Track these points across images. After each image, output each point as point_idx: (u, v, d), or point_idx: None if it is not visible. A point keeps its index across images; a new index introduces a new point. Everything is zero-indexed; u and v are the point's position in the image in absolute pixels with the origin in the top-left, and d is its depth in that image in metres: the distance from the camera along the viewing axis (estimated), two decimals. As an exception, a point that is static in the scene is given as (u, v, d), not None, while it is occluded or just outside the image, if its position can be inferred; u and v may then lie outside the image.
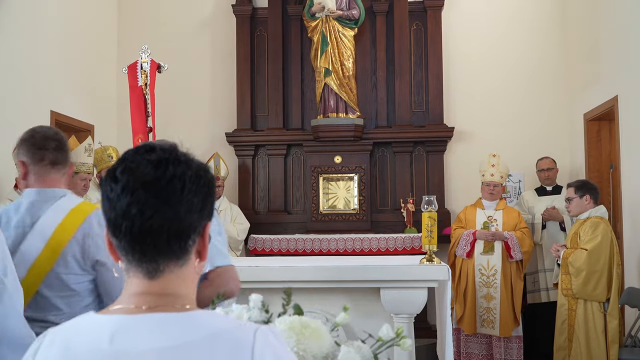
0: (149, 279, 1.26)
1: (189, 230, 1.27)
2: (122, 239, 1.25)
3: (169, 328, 1.22)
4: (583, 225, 5.09)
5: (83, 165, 5.89)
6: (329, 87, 7.80)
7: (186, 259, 1.29)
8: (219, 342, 1.21)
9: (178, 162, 1.29)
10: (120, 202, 1.24)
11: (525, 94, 8.07)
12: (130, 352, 1.20)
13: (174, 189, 1.25)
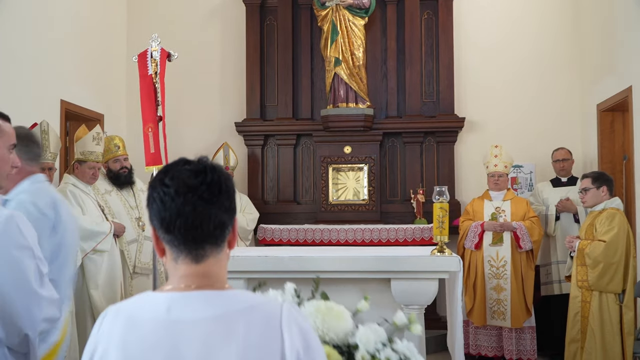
0: (195, 263, 1.59)
1: (226, 223, 1.61)
2: (176, 233, 1.56)
3: (213, 302, 1.55)
4: (599, 216, 5.03)
5: (91, 154, 5.87)
6: (338, 76, 7.76)
7: (223, 246, 1.63)
8: (254, 312, 1.54)
9: (212, 170, 1.60)
10: (175, 203, 1.55)
11: (538, 84, 7.99)
12: (184, 321, 1.52)
13: (214, 192, 1.58)
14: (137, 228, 6.21)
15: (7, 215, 2.28)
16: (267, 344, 1.52)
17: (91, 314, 5.64)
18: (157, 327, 1.53)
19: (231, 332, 1.52)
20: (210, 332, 1.52)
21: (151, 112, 4.27)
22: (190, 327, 1.52)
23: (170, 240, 1.59)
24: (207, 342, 1.51)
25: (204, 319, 1.53)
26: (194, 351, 1.50)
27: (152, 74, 4.28)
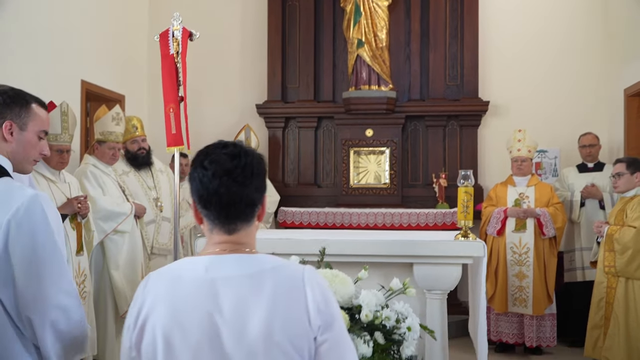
0: (228, 234, 1.86)
1: (256, 202, 1.86)
2: (212, 209, 1.83)
3: (245, 263, 1.82)
4: (630, 202, 4.93)
5: (111, 134, 5.84)
6: (361, 58, 7.67)
7: (252, 221, 1.88)
8: (280, 271, 1.81)
9: (245, 154, 1.84)
10: (212, 184, 1.80)
11: (564, 68, 7.86)
12: (220, 278, 1.79)
13: (247, 175, 1.82)
14: (155, 209, 6.19)
15: (32, 195, 2.25)
16: (293, 297, 1.77)
17: (111, 294, 5.65)
18: (197, 284, 1.79)
19: (261, 288, 1.77)
20: (243, 287, 1.78)
21: (173, 92, 4.22)
22: (226, 283, 1.78)
23: (206, 214, 1.86)
24: (240, 296, 1.77)
25: (237, 277, 1.79)
26: (230, 303, 1.76)
27: (174, 54, 4.23)
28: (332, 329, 1.80)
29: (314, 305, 1.78)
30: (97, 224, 5.54)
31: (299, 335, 1.76)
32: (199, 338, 1.75)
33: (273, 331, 1.73)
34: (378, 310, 2.42)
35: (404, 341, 2.42)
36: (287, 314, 1.75)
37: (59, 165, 5.22)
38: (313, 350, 1.78)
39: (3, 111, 2.37)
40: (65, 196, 5.09)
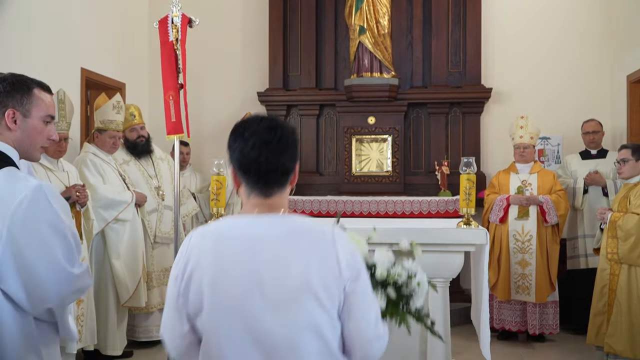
0: (264, 197, 2.06)
1: (290, 170, 2.06)
2: (251, 176, 2.03)
3: (281, 223, 2.04)
4: (634, 189, 4.90)
5: (111, 123, 5.82)
6: (363, 45, 7.62)
7: (286, 186, 2.08)
8: (312, 231, 2.04)
9: (281, 126, 2.03)
10: (252, 154, 2.00)
11: (567, 55, 7.80)
12: (260, 237, 2.00)
13: (282, 145, 2.02)
14: (157, 197, 6.17)
15: (35, 186, 2.22)
16: (325, 252, 1.99)
17: (112, 284, 5.64)
18: (240, 241, 2.00)
19: (297, 246, 1.99)
20: (282, 244, 1.99)
21: (172, 79, 4.18)
22: (265, 242, 1.99)
23: (246, 180, 2.06)
24: (279, 252, 1.98)
25: (275, 235, 2.00)
26: (270, 258, 1.97)
27: (173, 41, 4.19)
28: (359, 280, 2.03)
29: (344, 259, 2.00)
30: (98, 212, 5.52)
31: (331, 284, 1.98)
32: (242, 288, 1.96)
33: (310, 281, 1.95)
34: (391, 268, 2.65)
35: (414, 295, 2.66)
36: (321, 266, 1.97)
37: (56, 154, 5.20)
38: (342, 298, 2.00)
39: (4, 100, 2.34)
40: (64, 185, 5.08)
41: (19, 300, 2.16)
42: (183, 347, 2.09)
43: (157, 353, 5.91)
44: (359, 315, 2.04)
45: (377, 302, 2.18)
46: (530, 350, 6.17)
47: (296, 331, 1.95)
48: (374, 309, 2.11)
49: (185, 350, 2.10)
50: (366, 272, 2.10)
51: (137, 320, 6.12)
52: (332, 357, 2.01)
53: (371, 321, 2.08)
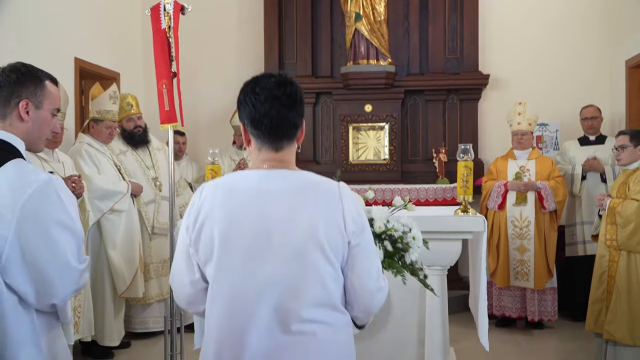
0: (274, 151, 2.16)
1: (298, 124, 2.18)
2: (263, 129, 2.13)
3: (290, 178, 2.14)
4: (633, 175, 4.85)
5: (108, 113, 5.78)
6: (359, 32, 7.56)
7: (294, 140, 2.20)
8: (319, 186, 2.14)
9: (290, 83, 2.15)
10: (263, 107, 2.11)
11: (565, 40, 7.74)
12: (270, 190, 2.10)
13: (291, 100, 2.13)
14: (154, 188, 6.13)
15: (45, 179, 2.21)
16: (332, 206, 2.10)
17: (109, 274, 5.61)
18: (250, 194, 2.10)
19: (306, 198, 2.10)
20: (291, 197, 2.09)
21: (165, 67, 4.13)
22: (275, 195, 2.09)
23: (257, 134, 2.15)
24: (288, 204, 2.08)
25: (284, 189, 2.10)
26: (280, 210, 2.07)
27: (166, 28, 4.13)
28: (363, 235, 2.15)
29: (349, 214, 2.11)
30: (93, 203, 5.48)
31: (336, 237, 2.08)
32: (252, 237, 2.06)
33: (317, 232, 2.05)
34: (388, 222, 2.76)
35: (410, 248, 2.78)
36: (328, 220, 2.07)
37: (52, 144, 5.16)
38: (346, 252, 2.12)
39: (18, 90, 2.32)
40: (59, 176, 5.03)
41: (25, 296, 2.17)
42: (192, 296, 2.21)
43: (155, 344, 5.90)
44: (361, 268, 2.15)
45: (378, 258, 2.30)
46: (528, 337, 6.16)
47: (301, 280, 2.06)
48: (376, 264, 2.23)
49: (193, 298, 2.22)
50: (369, 229, 2.22)
51: (134, 311, 6.10)
52: (333, 307, 2.12)
53: (373, 274, 2.19)
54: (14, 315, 2.16)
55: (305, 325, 2.06)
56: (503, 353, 5.62)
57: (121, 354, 5.71)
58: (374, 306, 2.24)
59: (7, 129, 2.32)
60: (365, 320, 2.32)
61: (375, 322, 4.23)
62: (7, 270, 2.14)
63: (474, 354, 5.36)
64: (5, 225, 2.13)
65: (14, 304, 2.17)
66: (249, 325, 2.06)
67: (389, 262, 2.77)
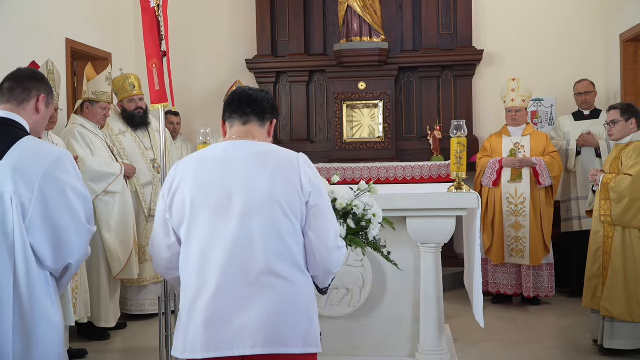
0: (243, 125, 2.49)
1: (266, 110, 2.52)
2: (233, 108, 2.50)
3: (253, 146, 2.41)
4: (625, 149, 4.82)
5: (103, 95, 5.75)
6: (352, 9, 7.49)
7: (264, 125, 2.53)
8: (280, 153, 2.40)
9: (261, 91, 2.56)
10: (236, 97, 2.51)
11: (559, 14, 7.69)
12: (234, 157, 2.38)
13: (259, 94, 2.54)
14: (152, 170, 6.11)
15: (63, 151, 2.53)
16: (290, 170, 2.34)
17: (104, 256, 5.60)
18: (217, 161, 2.38)
19: (266, 163, 2.35)
20: (252, 162, 2.35)
21: (154, 47, 4.07)
22: (238, 160, 2.36)
23: (230, 117, 2.51)
24: (250, 168, 2.34)
25: (247, 155, 2.37)
26: (242, 173, 2.34)
27: (155, 7, 4.08)
28: (320, 197, 2.38)
29: (306, 177, 2.35)
30: (87, 185, 5.43)
31: (294, 197, 2.32)
32: (216, 198, 2.31)
33: (274, 192, 2.30)
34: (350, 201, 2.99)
35: (371, 224, 2.97)
36: (285, 181, 2.32)
37: (48, 125, 5.14)
38: (305, 212, 2.35)
39: (39, 86, 2.65)
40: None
41: (43, 257, 2.43)
42: (169, 260, 2.49)
43: (150, 325, 5.90)
44: (319, 226, 2.37)
45: (336, 221, 2.49)
46: (524, 313, 6.18)
47: (260, 234, 2.28)
48: (334, 225, 2.44)
49: (171, 263, 2.49)
50: (327, 194, 2.47)
51: (130, 293, 6.10)
52: (293, 263, 2.34)
53: (331, 233, 2.40)
54: (37, 271, 2.42)
55: (265, 277, 2.28)
56: (499, 329, 5.64)
57: (117, 335, 5.72)
58: (332, 263, 2.42)
59: (20, 113, 2.59)
60: (325, 281, 2.52)
61: (370, 299, 4.24)
62: (30, 229, 2.40)
63: (470, 331, 5.38)
64: (30, 187, 2.40)
65: (36, 263, 2.43)
66: (215, 279, 2.29)
67: (352, 238, 2.96)
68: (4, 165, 2.40)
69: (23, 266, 2.38)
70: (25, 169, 2.40)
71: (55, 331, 2.47)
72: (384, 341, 4.25)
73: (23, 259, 2.39)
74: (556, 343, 5.34)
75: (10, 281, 2.37)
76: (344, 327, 4.24)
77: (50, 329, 2.44)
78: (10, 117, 2.55)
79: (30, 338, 2.39)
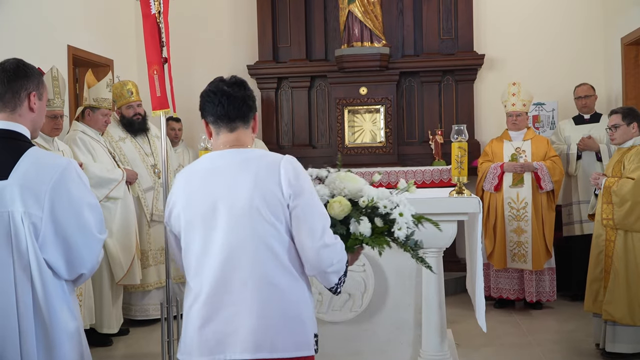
0: (230, 132, 2.50)
1: (251, 107, 2.52)
2: (221, 116, 2.48)
3: (238, 153, 2.46)
4: (628, 153, 4.82)
5: (104, 101, 5.78)
6: (353, 14, 7.50)
7: (248, 126, 2.53)
8: (263, 158, 2.44)
9: (238, 82, 2.52)
10: (220, 103, 2.47)
11: (559, 18, 7.69)
12: (219, 166, 2.43)
13: (240, 86, 2.51)
14: (153, 175, 6.13)
15: (66, 163, 2.47)
16: (269, 175, 2.37)
17: (106, 262, 5.60)
18: (204, 173, 2.46)
19: (248, 171, 2.39)
20: (234, 170, 2.40)
21: (156, 53, 4.10)
22: (221, 170, 2.42)
23: (216, 122, 2.50)
24: (232, 176, 2.40)
25: (230, 164, 2.43)
26: (224, 183, 2.39)
27: (156, 13, 4.10)
28: (300, 197, 2.37)
29: (285, 180, 2.36)
30: (89, 191, 5.46)
31: (274, 203, 2.35)
32: (203, 210, 2.39)
33: (253, 199, 2.34)
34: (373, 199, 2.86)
35: (396, 224, 2.85)
36: (265, 188, 2.35)
37: (53, 132, 5.19)
38: (287, 215, 2.37)
39: (26, 83, 2.54)
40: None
41: (58, 269, 2.44)
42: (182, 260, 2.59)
43: (153, 331, 5.90)
44: (303, 227, 2.37)
45: (325, 217, 2.47)
46: (527, 318, 6.17)
47: (247, 242, 2.34)
48: (321, 222, 2.41)
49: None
50: (312, 191, 2.46)
51: (133, 298, 6.11)
52: (282, 267, 2.38)
53: (316, 233, 2.38)
54: (53, 284, 2.43)
55: (254, 284, 2.35)
56: (501, 334, 5.63)
57: (120, 341, 5.72)
58: (321, 262, 2.41)
59: (17, 120, 2.52)
60: (327, 281, 2.52)
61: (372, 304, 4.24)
62: (43, 247, 2.40)
63: (472, 336, 5.38)
64: (39, 205, 2.39)
65: (51, 276, 2.44)
66: (208, 286, 2.38)
67: (375, 237, 2.85)
68: (12, 184, 2.39)
69: (39, 282, 2.41)
70: (32, 186, 2.39)
71: (73, 338, 2.51)
72: (386, 346, 4.24)
73: (39, 275, 2.41)
74: (558, 347, 5.33)
75: (30, 299, 2.40)
76: (345, 332, 4.25)
77: (68, 337, 2.48)
78: (9, 127, 2.51)
79: (52, 348, 2.44)
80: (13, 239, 2.39)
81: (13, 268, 2.38)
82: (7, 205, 2.38)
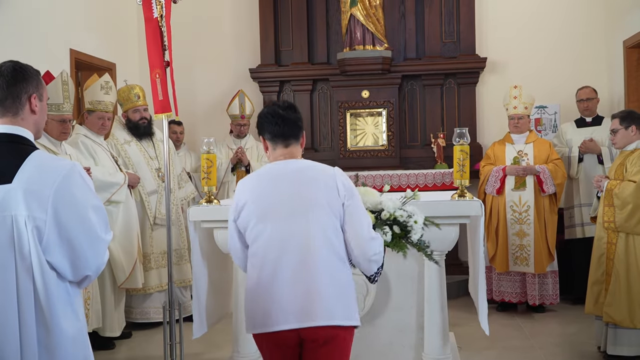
0: (285, 147, 3.02)
1: (298, 133, 3.05)
2: (278, 135, 3.00)
3: (295, 162, 2.99)
4: (630, 156, 4.82)
5: (99, 104, 5.75)
6: (355, 18, 7.51)
7: (298, 142, 3.05)
8: (318, 165, 2.98)
9: (290, 106, 3.07)
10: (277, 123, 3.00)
11: (562, 21, 7.70)
12: (281, 172, 2.96)
13: (291, 110, 3.05)
14: (157, 179, 6.14)
15: (70, 166, 2.46)
16: (329, 179, 2.90)
17: (108, 265, 5.59)
18: (269, 177, 2.98)
19: (308, 175, 2.92)
20: (295, 176, 2.94)
21: (158, 57, 4.10)
22: (286, 174, 2.95)
23: (273, 139, 3.03)
24: (297, 177, 2.93)
25: (291, 170, 2.96)
26: (290, 181, 2.93)
27: (158, 17, 4.11)
28: (353, 198, 2.92)
29: (341, 184, 2.90)
30: (91, 194, 5.46)
31: (334, 201, 2.88)
32: (271, 206, 2.90)
33: (318, 197, 2.87)
34: (393, 211, 3.43)
35: (412, 230, 3.42)
36: (326, 188, 2.88)
37: (61, 136, 5.19)
38: (342, 212, 2.89)
39: (26, 86, 2.52)
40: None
41: (63, 271, 2.44)
42: (244, 258, 3.05)
43: (155, 334, 5.90)
44: (355, 221, 2.90)
45: (368, 218, 3.01)
46: (529, 321, 6.16)
47: (310, 231, 2.84)
48: (367, 220, 2.96)
49: (245, 260, 3.04)
50: (359, 196, 2.97)
51: (135, 302, 6.11)
52: (335, 253, 2.87)
53: (364, 226, 2.93)
54: (56, 288, 2.43)
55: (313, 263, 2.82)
56: (504, 337, 5.62)
57: (122, 344, 5.72)
58: (369, 250, 2.92)
59: (20, 124, 2.51)
60: (368, 269, 2.99)
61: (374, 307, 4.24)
62: (47, 250, 2.40)
63: (475, 339, 5.37)
64: (43, 208, 2.38)
65: (55, 278, 2.43)
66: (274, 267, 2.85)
67: (396, 242, 3.41)
68: (16, 187, 2.38)
69: (42, 285, 2.41)
70: (36, 189, 2.38)
71: (77, 341, 2.52)
72: (388, 349, 4.24)
73: (41, 278, 2.40)
74: (561, 350, 5.32)
75: (32, 301, 2.40)
76: (348, 335, 4.23)
77: (71, 340, 2.49)
78: (12, 131, 2.50)
79: (53, 350, 2.45)
80: (16, 242, 2.38)
81: (15, 271, 2.38)
82: (10, 209, 2.37)
